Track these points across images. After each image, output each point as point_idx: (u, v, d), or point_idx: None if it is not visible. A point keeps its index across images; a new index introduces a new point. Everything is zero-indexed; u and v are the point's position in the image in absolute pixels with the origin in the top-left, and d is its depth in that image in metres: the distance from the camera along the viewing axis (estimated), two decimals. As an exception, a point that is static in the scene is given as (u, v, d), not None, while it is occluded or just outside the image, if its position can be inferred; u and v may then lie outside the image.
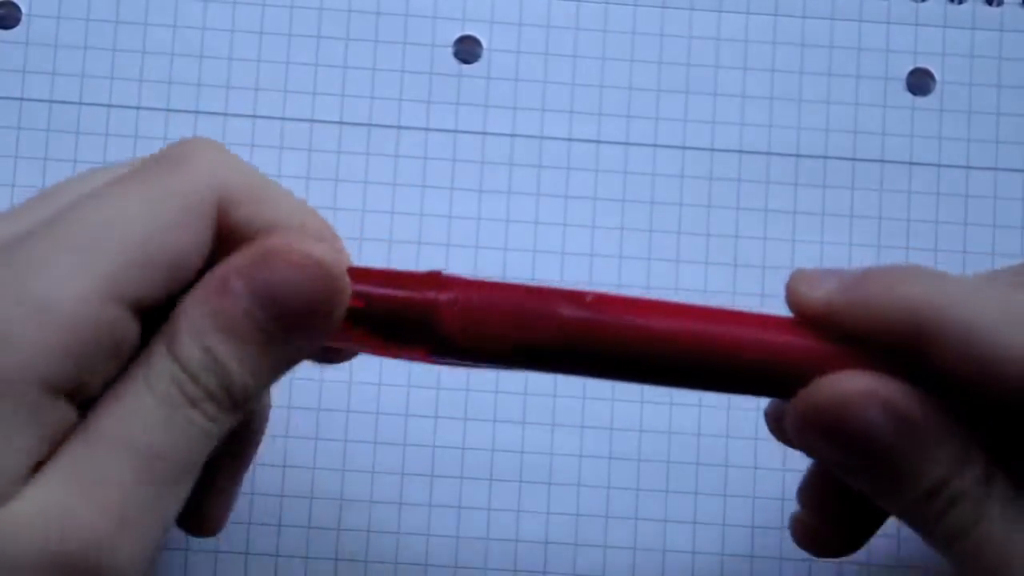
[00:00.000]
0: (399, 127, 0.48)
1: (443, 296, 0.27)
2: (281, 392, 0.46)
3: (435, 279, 0.28)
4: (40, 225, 0.25)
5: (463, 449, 0.47)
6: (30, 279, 0.24)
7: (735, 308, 0.32)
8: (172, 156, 0.27)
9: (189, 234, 0.26)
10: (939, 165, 0.49)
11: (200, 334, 0.25)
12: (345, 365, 0.37)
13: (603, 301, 0.28)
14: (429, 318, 0.27)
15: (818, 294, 0.29)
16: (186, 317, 0.25)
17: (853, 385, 0.27)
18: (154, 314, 0.26)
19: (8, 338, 0.24)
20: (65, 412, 0.25)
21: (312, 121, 0.48)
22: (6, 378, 0.23)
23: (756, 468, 0.47)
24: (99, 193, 0.25)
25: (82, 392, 0.25)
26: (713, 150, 0.49)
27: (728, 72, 0.49)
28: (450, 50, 0.49)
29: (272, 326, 0.26)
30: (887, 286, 0.28)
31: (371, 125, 0.48)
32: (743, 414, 0.47)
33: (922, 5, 0.49)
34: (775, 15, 0.49)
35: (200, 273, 0.27)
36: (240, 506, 0.46)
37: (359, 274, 0.28)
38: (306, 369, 0.32)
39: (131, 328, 0.25)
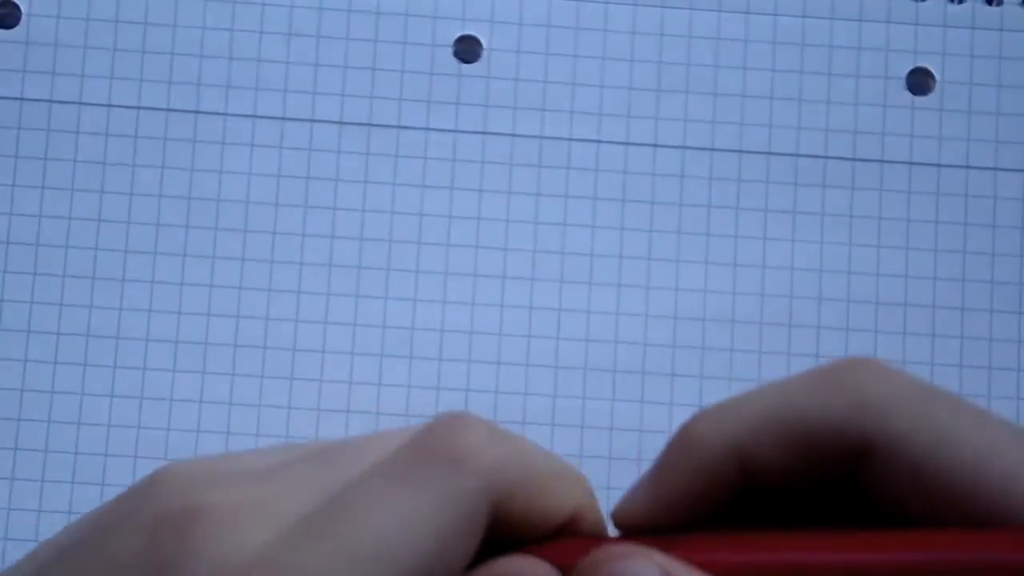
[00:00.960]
0: (399, 127, 0.48)
1: None
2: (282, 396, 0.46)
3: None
4: (317, 515, 0.24)
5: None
6: None
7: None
8: (445, 453, 0.25)
9: (465, 546, 0.24)
10: (939, 165, 0.49)
11: None
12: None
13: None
14: None
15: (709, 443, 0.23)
16: None
17: None
18: None
19: None
20: None
21: (312, 121, 0.48)
22: None
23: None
24: (373, 491, 0.24)
25: None
26: (713, 150, 0.49)
27: (728, 72, 0.49)
28: (450, 50, 0.49)
29: None
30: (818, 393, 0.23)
31: (371, 125, 0.48)
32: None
33: (922, 5, 0.49)
34: (775, 15, 0.49)
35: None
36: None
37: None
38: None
39: None
